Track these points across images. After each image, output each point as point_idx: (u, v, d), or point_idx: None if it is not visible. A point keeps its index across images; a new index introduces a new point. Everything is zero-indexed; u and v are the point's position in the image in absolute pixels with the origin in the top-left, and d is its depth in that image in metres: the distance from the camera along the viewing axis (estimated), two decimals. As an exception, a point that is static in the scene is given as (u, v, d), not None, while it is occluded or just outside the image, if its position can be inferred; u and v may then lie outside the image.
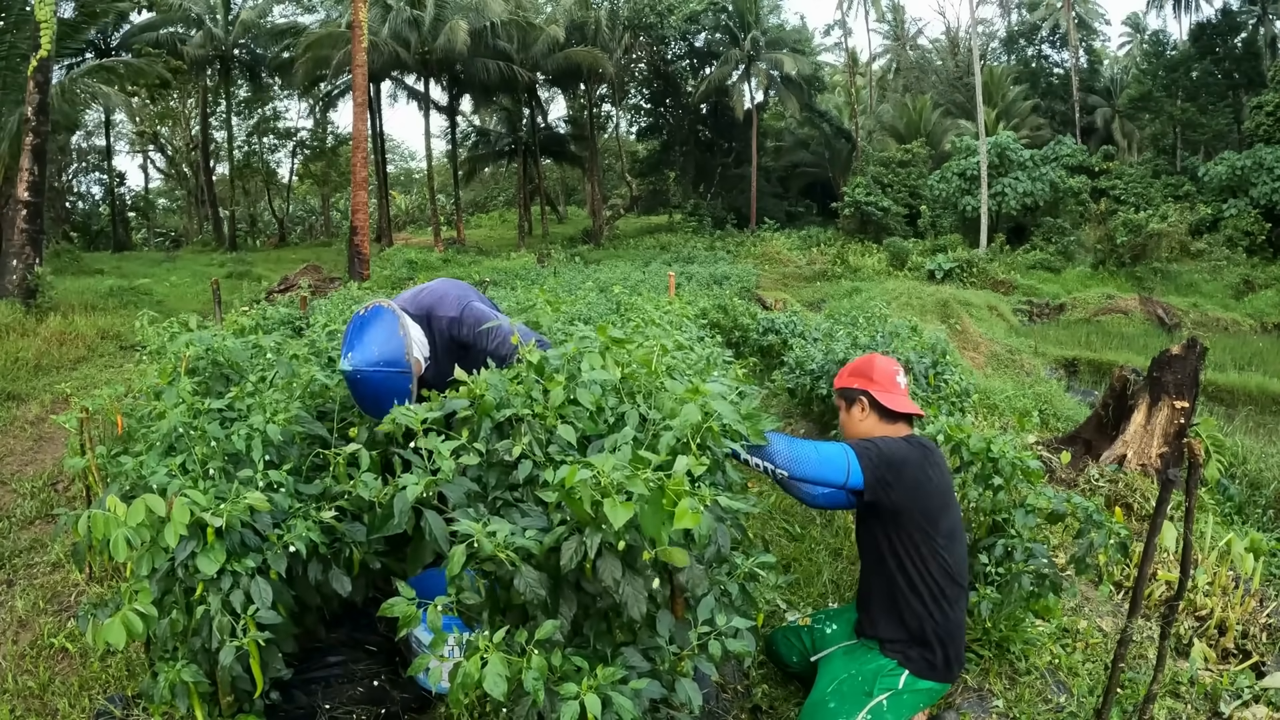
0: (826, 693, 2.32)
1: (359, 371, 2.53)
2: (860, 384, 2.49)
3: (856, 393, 2.50)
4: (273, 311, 6.36)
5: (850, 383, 2.53)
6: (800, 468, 2.20)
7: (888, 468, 2.26)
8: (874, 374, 2.51)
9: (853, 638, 2.51)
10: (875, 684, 2.28)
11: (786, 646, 2.68)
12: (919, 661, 2.30)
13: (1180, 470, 2.10)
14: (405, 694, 2.48)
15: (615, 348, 2.15)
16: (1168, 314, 19.14)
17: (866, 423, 2.48)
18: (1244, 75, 31.66)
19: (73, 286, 13.13)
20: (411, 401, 2.56)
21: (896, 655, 2.32)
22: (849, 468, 2.24)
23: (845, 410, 2.54)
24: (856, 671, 2.33)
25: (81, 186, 36.54)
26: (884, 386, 2.48)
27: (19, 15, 12.58)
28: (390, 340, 2.57)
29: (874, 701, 2.27)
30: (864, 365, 2.54)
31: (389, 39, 25.58)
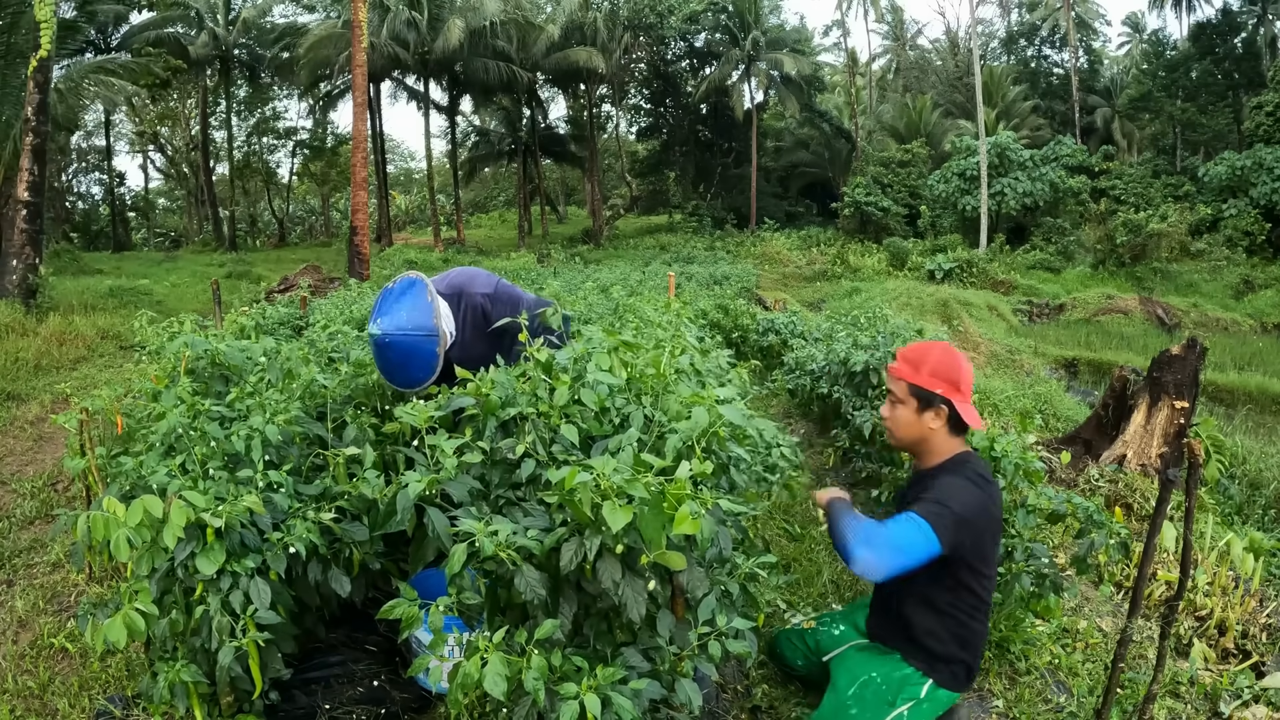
0: (848, 695, 2.25)
1: (387, 335, 2.58)
2: (946, 391, 2.20)
3: (939, 400, 2.21)
4: (273, 311, 6.36)
5: (934, 385, 2.20)
6: (884, 568, 2.00)
7: (963, 530, 2.08)
8: (962, 382, 2.22)
9: (862, 638, 2.45)
10: (900, 694, 2.21)
11: (791, 649, 2.63)
12: (944, 673, 2.24)
13: (1180, 470, 2.10)
14: (405, 694, 2.48)
15: (624, 349, 2.15)
16: (1168, 314, 19.14)
17: (937, 434, 2.23)
18: (1244, 75, 31.67)
19: (73, 286, 13.12)
20: (436, 369, 2.61)
21: (921, 666, 2.25)
22: (928, 548, 2.04)
23: (914, 410, 2.23)
24: (881, 679, 2.24)
25: (81, 186, 36.59)
26: (966, 397, 2.22)
27: (15, 14, 12.57)
28: (419, 307, 2.63)
29: (896, 711, 2.20)
30: (952, 367, 2.22)
31: (388, 40, 25.60)
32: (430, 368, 2.63)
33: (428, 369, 2.63)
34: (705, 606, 1.86)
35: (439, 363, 2.63)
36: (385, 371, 2.66)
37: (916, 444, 2.27)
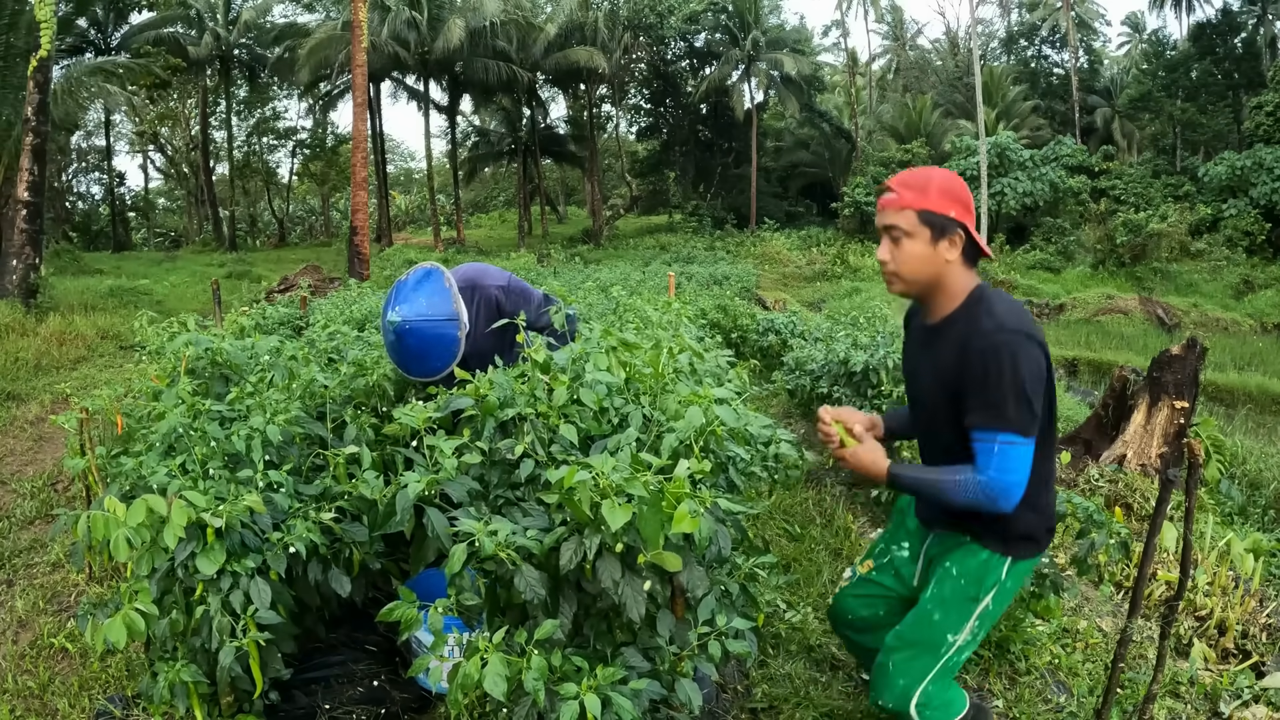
0: (927, 598, 2.02)
1: (407, 322, 2.53)
2: (959, 213, 1.87)
3: (954, 225, 1.87)
4: (272, 311, 6.36)
5: (946, 208, 1.86)
6: (1014, 501, 1.82)
7: (1036, 401, 1.81)
8: (969, 198, 1.91)
9: (924, 535, 2.16)
10: (981, 585, 1.97)
11: (861, 603, 2.27)
12: (1020, 544, 1.97)
13: (1180, 470, 2.10)
14: (405, 694, 2.48)
15: (623, 350, 2.15)
16: (1168, 314, 19.15)
17: (953, 268, 1.90)
18: (1244, 75, 31.68)
19: (73, 286, 13.13)
20: (458, 355, 2.58)
21: (998, 547, 1.97)
22: (1028, 449, 1.81)
23: (929, 241, 1.87)
24: (958, 571, 1.99)
25: (81, 186, 36.59)
26: (974, 216, 1.91)
27: (13, 14, 12.57)
28: (437, 293, 2.60)
29: (980, 606, 1.98)
30: (960, 187, 1.90)
31: (388, 40, 25.61)
32: (452, 354, 2.59)
33: (449, 355, 2.59)
34: (705, 606, 1.86)
35: (461, 349, 2.59)
36: (402, 361, 2.62)
37: (929, 285, 1.93)
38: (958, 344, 1.87)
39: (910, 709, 2.01)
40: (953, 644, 1.99)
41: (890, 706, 2.02)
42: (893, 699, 2.01)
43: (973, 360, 1.82)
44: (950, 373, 1.88)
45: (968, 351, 1.83)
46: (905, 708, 2.01)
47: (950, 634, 1.98)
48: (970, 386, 1.83)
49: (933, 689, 2.02)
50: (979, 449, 1.82)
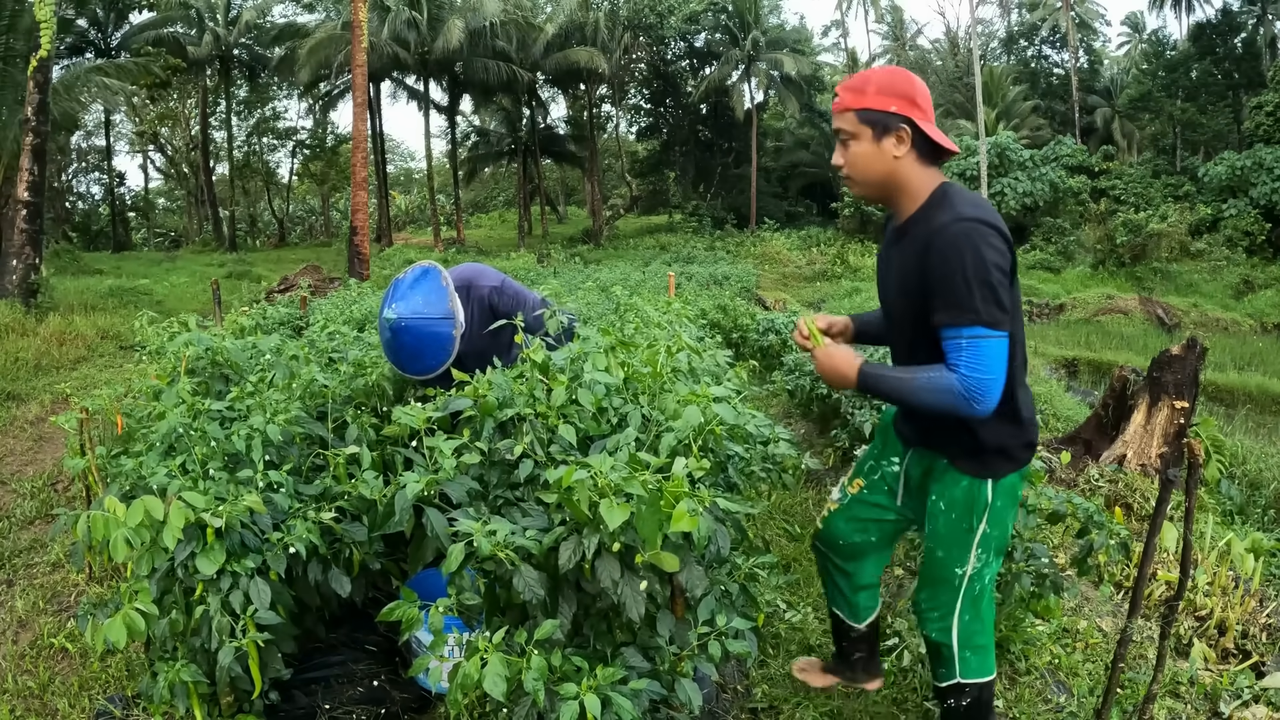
0: (928, 538, 2.03)
1: (402, 319, 2.55)
2: (901, 108, 1.81)
3: (896, 119, 1.81)
4: (272, 311, 6.36)
5: (886, 104, 1.81)
6: (993, 401, 1.74)
7: (1003, 290, 1.75)
8: (918, 96, 1.83)
9: (905, 451, 2.14)
10: (971, 514, 1.95)
11: (852, 527, 2.22)
12: (996, 462, 1.93)
13: (1180, 470, 2.10)
14: (405, 694, 2.48)
15: (621, 349, 2.15)
16: (1168, 314, 19.15)
17: (905, 165, 1.85)
18: (1244, 75, 31.69)
19: (73, 286, 13.13)
20: (453, 353, 2.60)
21: (973, 468, 1.94)
22: (1002, 344, 1.75)
23: (871, 140, 1.84)
24: (946, 506, 1.98)
25: (81, 186, 36.61)
26: (928, 115, 1.85)
27: (13, 15, 12.57)
28: (434, 291, 2.62)
29: (978, 534, 1.96)
30: (903, 81, 1.84)
31: (388, 40, 25.62)
32: (446, 352, 2.61)
33: (444, 353, 2.61)
34: (705, 606, 1.86)
35: (455, 347, 2.61)
36: (398, 359, 2.64)
37: (886, 186, 1.90)
38: (919, 242, 1.83)
39: (952, 642, 2.04)
40: (963, 575, 1.99)
41: (934, 638, 2.07)
42: (934, 630, 2.06)
43: (933, 256, 1.78)
44: (913, 275, 1.85)
45: (929, 249, 1.79)
46: (948, 640, 2.04)
47: (957, 567, 1.98)
48: (934, 284, 1.78)
49: (970, 622, 2.03)
50: (949, 348, 1.77)
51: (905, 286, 1.89)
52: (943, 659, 2.08)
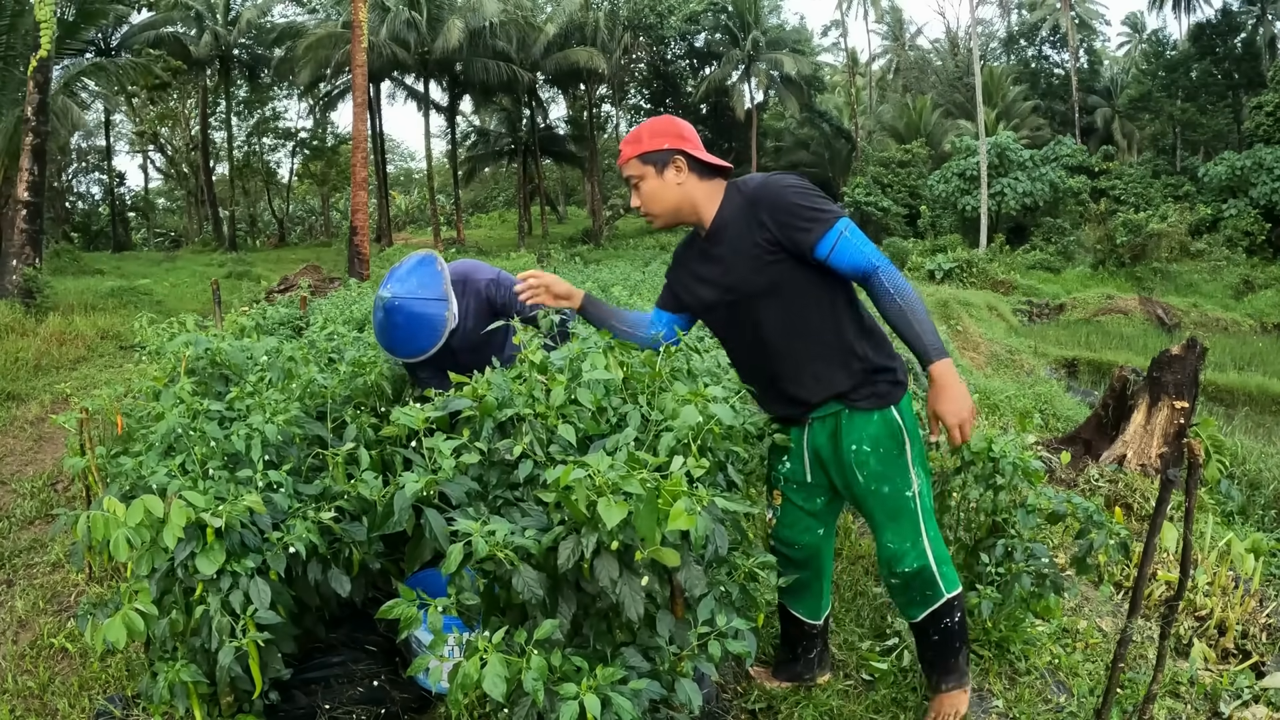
0: (867, 482, 2.15)
1: (396, 299, 2.61)
2: (672, 142, 2.12)
3: (669, 153, 2.11)
4: (272, 311, 6.36)
5: (656, 144, 2.11)
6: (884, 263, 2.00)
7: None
8: (684, 132, 2.14)
9: (798, 435, 2.26)
10: (895, 441, 2.12)
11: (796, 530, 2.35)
12: (886, 387, 2.12)
13: (1180, 470, 2.10)
14: (405, 694, 2.48)
15: (619, 348, 2.15)
16: (1167, 314, 19.16)
17: (686, 185, 2.12)
18: (1244, 75, 31.71)
19: (73, 286, 13.13)
20: (443, 336, 2.65)
21: (872, 401, 2.12)
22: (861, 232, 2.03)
23: (655, 175, 2.12)
24: (870, 446, 2.13)
25: (81, 186, 36.64)
26: (695, 145, 2.15)
27: (14, 15, 12.57)
28: (430, 276, 2.68)
29: (908, 453, 2.14)
30: (667, 123, 2.17)
31: (387, 40, 25.62)
32: (438, 333, 2.65)
33: (435, 335, 2.65)
34: (704, 606, 1.86)
35: (446, 329, 2.65)
36: (390, 340, 2.67)
37: (682, 209, 2.15)
38: (741, 218, 2.07)
39: (930, 561, 2.20)
40: (912, 496, 2.17)
41: (914, 566, 2.19)
42: (913, 560, 2.19)
43: (770, 206, 2.02)
44: (748, 249, 2.05)
45: (759, 209, 2.03)
46: (926, 561, 2.20)
47: (906, 490, 2.16)
48: (786, 224, 2.00)
49: (935, 537, 2.22)
50: (838, 252, 1.99)
51: (749, 262, 2.07)
52: (925, 582, 2.22)
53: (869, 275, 1.99)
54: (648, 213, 2.18)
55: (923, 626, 2.30)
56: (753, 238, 2.04)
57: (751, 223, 2.04)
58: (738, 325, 2.20)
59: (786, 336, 2.12)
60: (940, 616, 2.26)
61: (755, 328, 2.16)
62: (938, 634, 2.30)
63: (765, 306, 2.11)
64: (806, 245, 2.00)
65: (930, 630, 2.30)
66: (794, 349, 2.14)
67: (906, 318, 1.97)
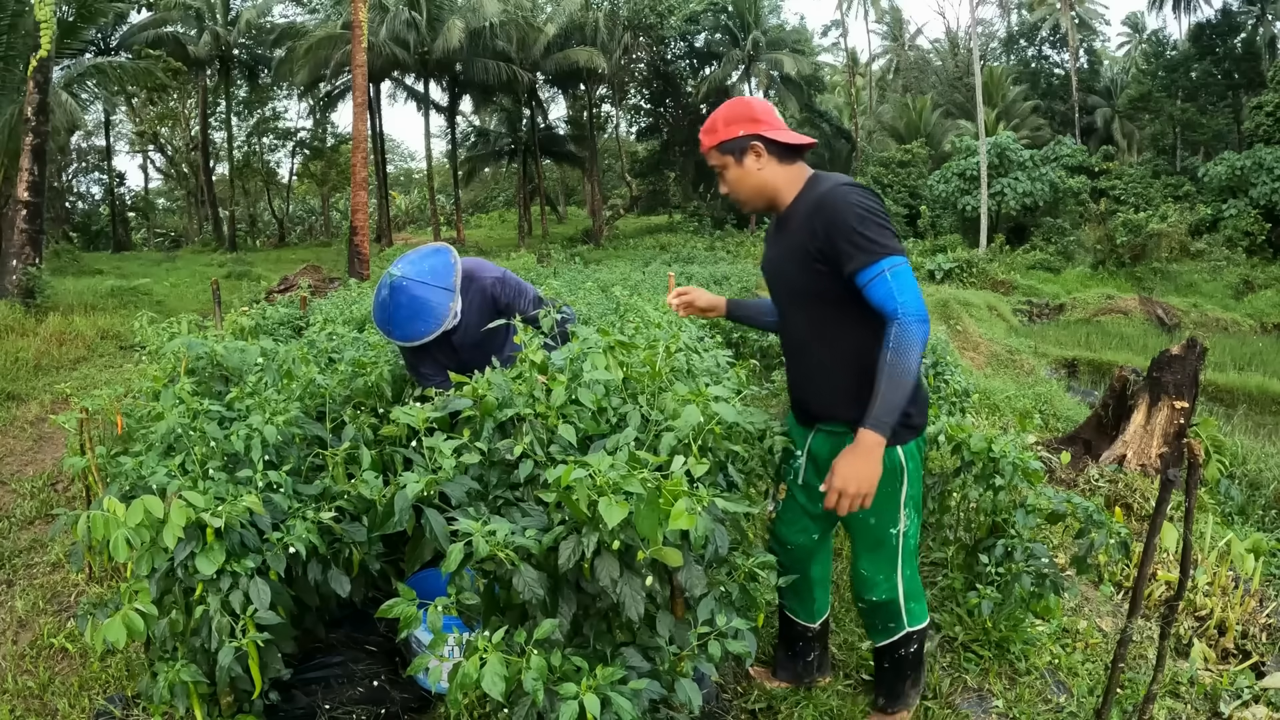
0: (861, 515, 2.13)
1: (405, 279, 2.63)
2: (747, 129, 2.08)
3: (746, 140, 2.08)
4: (272, 311, 6.35)
5: (731, 132, 2.09)
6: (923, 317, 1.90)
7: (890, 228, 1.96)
8: (757, 113, 2.10)
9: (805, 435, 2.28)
10: (893, 479, 2.10)
11: (793, 530, 2.36)
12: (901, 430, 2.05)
13: (1180, 470, 2.10)
14: (405, 694, 2.48)
15: (619, 349, 2.15)
16: (1167, 314, 19.15)
17: (766, 170, 2.10)
18: (1244, 75, 31.71)
19: (72, 286, 13.12)
20: (443, 324, 2.66)
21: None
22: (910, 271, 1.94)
23: (736, 165, 2.11)
24: None
25: (81, 186, 36.60)
26: (772, 124, 2.09)
27: (14, 15, 12.57)
28: (442, 266, 2.71)
29: (902, 495, 2.14)
30: (740, 107, 2.12)
31: (387, 40, 25.60)
32: (437, 322, 2.66)
33: (434, 323, 2.65)
34: (704, 606, 1.86)
35: (447, 321, 2.67)
36: (388, 319, 2.68)
37: (764, 194, 2.13)
38: (804, 217, 2.05)
39: (899, 597, 2.26)
40: (896, 534, 2.20)
41: (883, 598, 2.26)
42: (882, 592, 2.25)
43: (818, 221, 1.99)
44: (800, 248, 2.04)
45: (812, 219, 2.00)
46: (894, 596, 2.26)
47: (891, 528, 2.19)
48: (835, 243, 1.95)
49: (910, 576, 2.27)
50: (873, 288, 1.92)
51: (797, 258, 2.07)
52: (889, 614, 2.28)
53: (888, 319, 1.90)
54: (736, 198, 2.18)
55: (881, 651, 2.39)
56: (805, 240, 2.03)
57: (809, 225, 2.02)
58: (781, 312, 2.27)
59: (816, 342, 2.12)
60: (897, 647, 2.34)
61: (791, 319, 2.22)
62: (890, 662, 2.38)
63: (805, 306, 2.13)
64: (847, 270, 1.95)
65: (886, 656, 2.38)
66: (821, 356, 2.14)
67: (887, 374, 1.88)
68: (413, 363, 2.89)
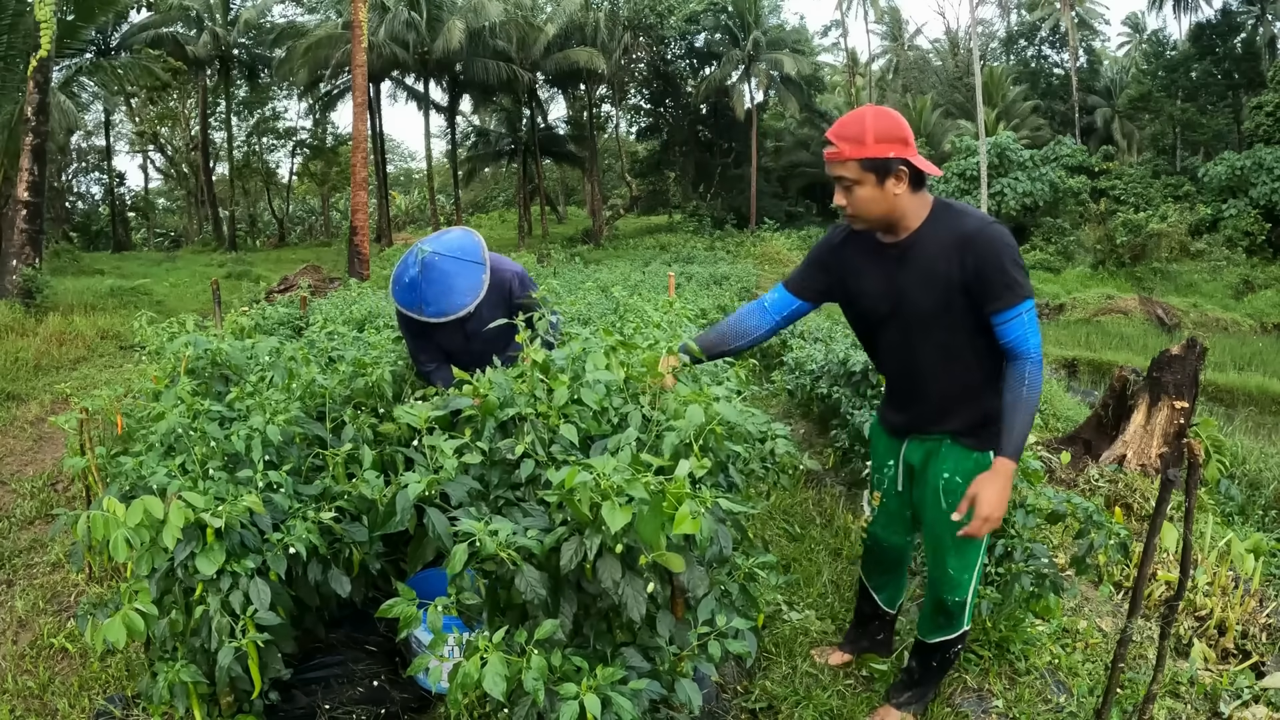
0: (948, 510, 2.19)
1: (435, 254, 2.63)
2: (899, 151, 2.00)
3: (895, 164, 2.00)
4: (272, 311, 6.35)
5: (881, 151, 1.99)
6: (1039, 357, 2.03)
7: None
8: (908, 135, 2.03)
9: (897, 446, 2.35)
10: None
11: (890, 531, 2.47)
12: (991, 436, 2.14)
13: (1180, 470, 2.10)
14: (405, 694, 2.48)
15: (620, 349, 2.15)
16: (1167, 314, 19.15)
17: (903, 196, 2.05)
18: (1244, 75, 31.71)
19: (72, 286, 13.13)
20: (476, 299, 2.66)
21: (974, 443, 2.18)
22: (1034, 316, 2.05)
23: (875, 186, 2.02)
24: (962, 479, 2.17)
25: (81, 186, 36.60)
26: (914, 148, 2.05)
27: (14, 15, 12.57)
28: (469, 241, 2.73)
29: None
30: (895, 126, 2.02)
31: (386, 40, 25.59)
32: (473, 293, 2.66)
33: (470, 295, 2.66)
34: (705, 606, 1.86)
35: (482, 290, 2.67)
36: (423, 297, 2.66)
37: (890, 218, 2.09)
38: (946, 248, 2.04)
39: (968, 596, 2.29)
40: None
41: (962, 597, 2.28)
42: (965, 591, 2.28)
43: (979, 255, 1.99)
44: (941, 276, 2.05)
45: (967, 250, 2.01)
46: (965, 596, 2.29)
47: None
48: (986, 276, 1.99)
49: (979, 579, 2.32)
50: (1011, 326, 2.00)
51: (935, 287, 2.07)
52: (957, 610, 2.31)
53: (1021, 358, 2.01)
54: (854, 215, 2.11)
55: (930, 648, 2.40)
56: (948, 270, 2.04)
57: (954, 256, 2.03)
58: (893, 334, 2.23)
59: (933, 361, 2.17)
60: (948, 646, 2.38)
61: (909, 342, 2.20)
62: (938, 660, 2.42)
63: (927, 327, 2.13)
64: (989, 306, 2.01)
65: (934, 655, 2.41)
66: (936, 375, 2.19)
67: (1019, 408, 2.01)
68: (415, 350, 2.90)
